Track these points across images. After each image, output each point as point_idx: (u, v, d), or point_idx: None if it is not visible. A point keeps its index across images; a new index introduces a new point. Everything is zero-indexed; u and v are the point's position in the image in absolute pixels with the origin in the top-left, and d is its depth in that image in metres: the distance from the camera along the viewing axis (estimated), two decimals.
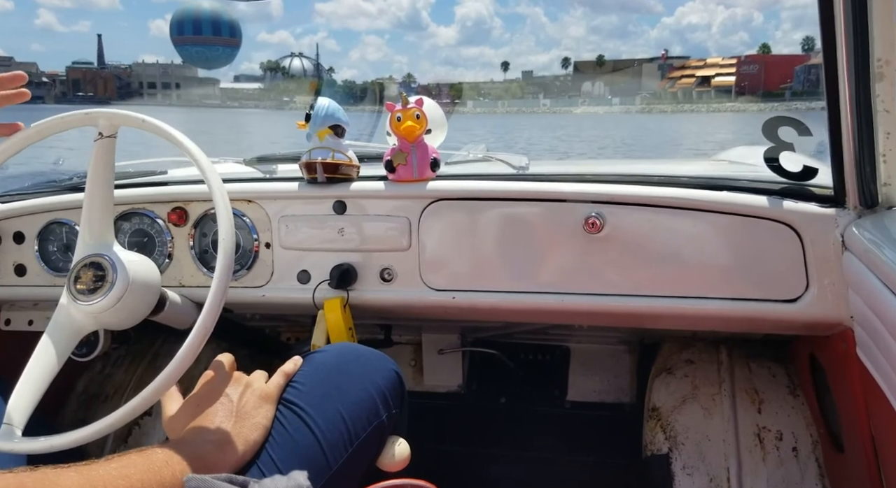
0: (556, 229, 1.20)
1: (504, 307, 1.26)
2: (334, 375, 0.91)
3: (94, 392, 1.69)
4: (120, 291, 0.97)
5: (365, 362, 0.95)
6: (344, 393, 0.88)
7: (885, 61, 0.91)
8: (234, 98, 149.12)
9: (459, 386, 1.85)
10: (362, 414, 0.87)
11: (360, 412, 0.87)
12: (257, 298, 1.32)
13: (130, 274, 0.99)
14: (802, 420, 1.34)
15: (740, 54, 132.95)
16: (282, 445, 0.81)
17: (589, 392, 1.80)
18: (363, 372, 0.92)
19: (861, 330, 1.01)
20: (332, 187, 1.28)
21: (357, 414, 0.86)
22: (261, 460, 0.79)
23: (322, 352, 0.97)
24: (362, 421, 0.86)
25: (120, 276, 0.98)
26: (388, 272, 1.28)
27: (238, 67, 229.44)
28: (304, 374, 0.91)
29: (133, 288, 0.99)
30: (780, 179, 1.16)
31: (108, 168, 1.03)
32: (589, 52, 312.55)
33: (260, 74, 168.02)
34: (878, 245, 0.94)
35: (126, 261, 1.00)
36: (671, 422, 1.39)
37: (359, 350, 0.99)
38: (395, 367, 0.96)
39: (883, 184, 1.02)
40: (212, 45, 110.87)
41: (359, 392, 0.89)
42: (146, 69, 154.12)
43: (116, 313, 0.99)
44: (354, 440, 0.84)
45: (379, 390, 0.91)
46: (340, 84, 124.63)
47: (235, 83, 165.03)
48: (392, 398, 0.92)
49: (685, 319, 1.26)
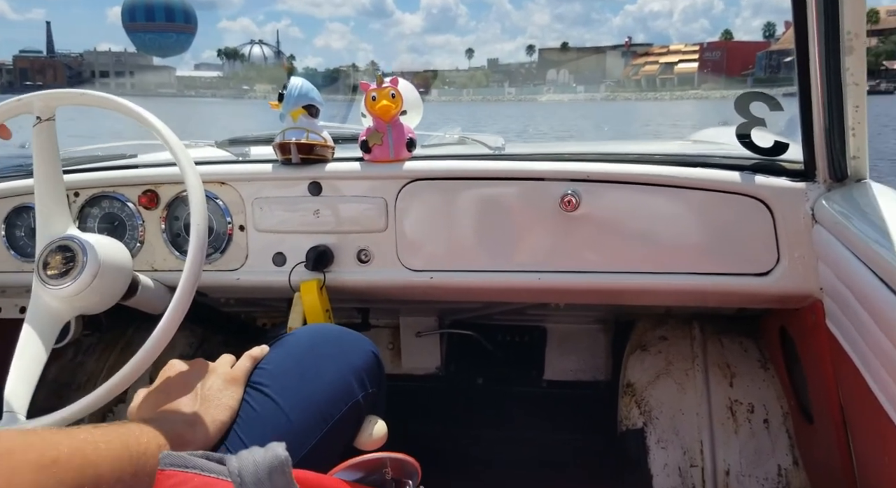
0: (532, 208, 1.20)
1: (482, 286, 1.26)
2: (308, 356, 0.90)
3: (65, 380, 1.65)
4: (91, 274, 0.95)
5: (340, 342, 0.94)
6: (317, 375, 0.87)
7: (855, 34, 0.92)
8: (191, 87, 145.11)
9: (438, 368, 1.85)
10: (337, 394, 0.86)
11: (335, 393, 0.86)
12: (232, 282, 1.30)
13: (101, 256, 0.97)
14: (773, 392, 1.38)
15: (702, 41, 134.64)
16: (251, 426, 0.80)
17: (565, 371, 1.82)
18: (338, 353, 0.92)
19: (830, 301, 1.04)
20: (307, 168, 1.26)
21: (331, 395, 0.86)
22: (229, 441, 0.78)
23: (296, 334, 0.96)
24: (337, 402, 0.86)
25: (90, 259, 0.96)
26: (364, 253, 1.27)
27: (199, 56, 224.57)
28: (277, 356, 0.90)
29: (104, 270, 0.97)
30: (752, 155, 1.18)
31: (53, 152, 1.01)
32: (554, 40, 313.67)
33: (225, 62, 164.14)
34: (847, 217, 0.96)
35: (95, 243, 0.98)
36: (646, 398, 1.41)
37: (334, 330, 0.98)
38: (371, 347, 0.96)
39: (852, 157, 1.04)
40: (165, 32, 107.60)
41: (333, 373, 0.88)
42: (98, 57, 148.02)
43: (88, 297, 0.97)
44: (329, 420, 0.84)
45: (355, 370, 0.90)
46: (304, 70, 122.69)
47: (193, 71, 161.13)
48: (368, 378, 0.91)
49: (660, 295, 1.28)
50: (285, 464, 0.58)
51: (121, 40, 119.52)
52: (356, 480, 0.69)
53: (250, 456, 0.59)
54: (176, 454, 0.61)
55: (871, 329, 0.83)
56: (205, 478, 0.58)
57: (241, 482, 0.57)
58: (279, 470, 0.58)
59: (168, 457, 0.60)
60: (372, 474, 0.69)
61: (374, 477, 0.70)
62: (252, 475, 0.57)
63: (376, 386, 0.93)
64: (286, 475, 0.58)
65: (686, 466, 1.31)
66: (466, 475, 1.33)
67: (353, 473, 0.69)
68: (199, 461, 0.60)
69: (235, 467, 0.58)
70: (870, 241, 0.85)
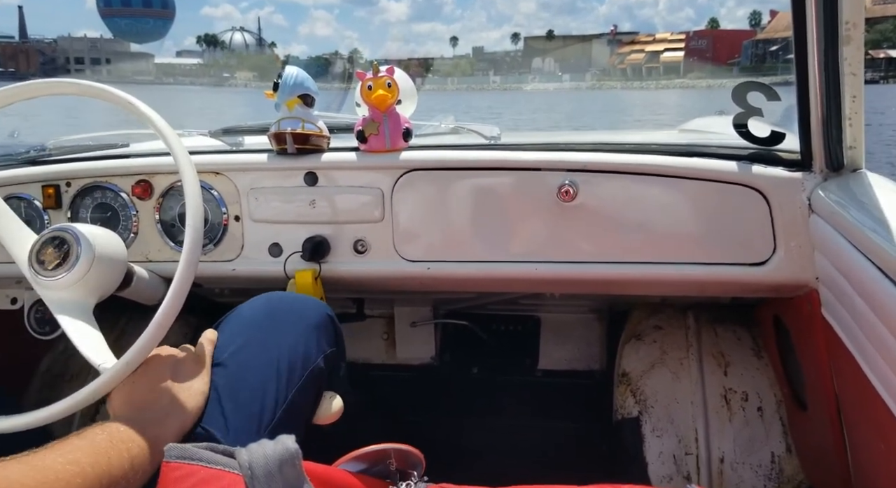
0: (530, 198, 1.20)
1: (479, 277, 1.26)
2: (265, 324, 0.91)
3: (58, 371, 1.64)
4: (85, 266, 0.94)
5: (296, 307, 0.96)
6: (275, 343, 0.88)
7: (853, 24, 0.92)
8: (169, 74, 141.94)
9: (432, 358, 1.85)
10: (296, 359, 0.88)
11: (294, 357, 0.88)
12: (227, 272, 1.30)
13: (95, 246, 0.96)
14: (766, 380, 1.39)
15: (688, 30, 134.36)
16: (221, 403, 0.82)
17: (560, 360, 1.83)
18: (293, 318, 0.93)
19: (826, 290, 1.04)
20: (303, 158, 1.25)
21: (292, 360, 0.87)
22: (204, 421, 0.80)
23: (252, 303, 0.97)
24: (297, 367, 0.87)
25: (84, 249, 0.94)
26: (361, 244, 1.26)
27: (182, 43, 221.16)
28: (237, 328, 0.92)
29: (99, 262, 0.96)
30: (749, 145, 1.18)
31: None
32: (539, 28, 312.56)
33: (206, 49, 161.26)
34: (843, 206, 0.97)
35: (89, 233, 0.97)
36: (641, 387, 1.42)
37: (287, 296, 1.00)
38: (326, 309, 0.97)
39: (848, 146, 1.05)
40: (142, 18, 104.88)
41: (290, 337, 0.90)
42: (73, 43, 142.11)
43: (82, 288, 0.95)
44: (291, 387, 0.85)
45: (312, 331, 0.92)
46: (284, 57, 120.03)
47: (173, 58, 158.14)
48: (326, 338, 0.93)
49: (657, 285, 1.28)
50: (296, 457, 0.58)
51: (100, 26, 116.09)
52: (361, 471, 0.69)
53: (260, 448, 0.59)
54: (181, 446, 0.60)
55: (867, 317, 0.83)
56: (211, 470, 0.58)
57: (252, 475, 0.56)
58: (290, 462, 0.58)
59: (173, 450, 0.60)
60: (376, 465, 0.70)
61: (379, 468, 0.70)
62: (263, 468, 0.57)
63: (335, 347, 0.95)
64: (297, 467, 0.58)
65: (681, 454, 1.32)
66: (461, 465, 1.34)
67: (357, 464, 0.69)
68: (205, 453, 0.59)
69: (246, 460, 0.58)
70: (866, 231, 0.86)
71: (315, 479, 0.59)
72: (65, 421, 0.88)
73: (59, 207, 1.33)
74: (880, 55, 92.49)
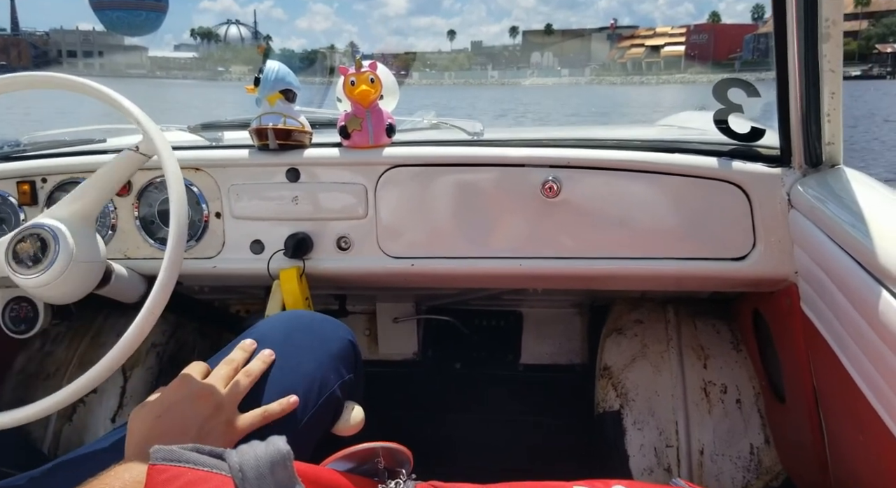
0: (513, 194, 1.20)
1: (463, 273, 1.26)
2: (284, 347, 0.88)
3: (33, 370, 1.62)
4: (63, 263, 0.93)
5: (316, 330, 0.93)
6: (295, 366, 0.86)
7: (832, 22, 0.93)
8: (163, 68, 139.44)
9: (415, 353, 1.86)
10: (314, 385, 0.85)
11: (312, 383, 0.85)
12: (208, 270, 1.29)
13: (72, 244, 0.95)
14: (745, 373, 1.40)
15: (689, 24, 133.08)
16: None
17: (542, 354, 1.84)
18: (314, 342, 0.90)
19: (805, 284, 1.05)
20: (285, 154, 1.24)
21: (309, 386, 0.84)
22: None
23: (271, 322, 0.94)
24: (314, 393, 0.85)
25: (62, 247, 0.93)
26: (344, 240, 1.26)
27: (180, 37, 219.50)
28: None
29: (77, 260, 0.95)
30: (729, 141, 1.18)
31: None
32: (539, 22, 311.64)
33: (200, 43, 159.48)
34: (822, 201, 0.98)
35: (67, 230, 0.95)
36: (622, 380, 1.43)
37: (307, 317, 0.97)
38: (347, 334, 0.94)
39: (827, 143, 1.05)
40: (135, 10, 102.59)
41: (310, 363, 0.87)
42: (65, 36, 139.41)
43: (59, 287, 0.95)
44: (307, 410, 0.83)
45: (331, 358, 0.89)
46: (279, 52, 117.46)
47: (168, 52, 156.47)
48: (345, 365, 0.91)
49: (639, 280, 1.29)
50: (287, 458, 0.57)
51: (93, 20, 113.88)
52: (349, 470, 0.68)
53: (251, 450, 0.57)
54: (167, 448, 0.59)
55: (846, 310, 0.84)
56: (198, 472, 0.56)
57: (243, 477, 0.55)
58: (281, 463, 0.56)
59: (159, 452, 0.58)
60: (364, 463, 0.69)
61: (367, 467, 0.69)
62: (254, 470, 0.55)
63: (353, 373, 0.92)
64: (288, 468, 0.56)
65: (662, 446, 1.33)
66: (447, 460, 1.34)
67: (345, 463, 0.68)
68: (192, 455, 0.58)
69: (236, 461, 0.56)
70: (845, 225, 0.86)
71: (305, 480, 0.58)
72: (41, 422, 0.87)
73: (34, 204, 1.32)
74: (887, 50, 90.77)
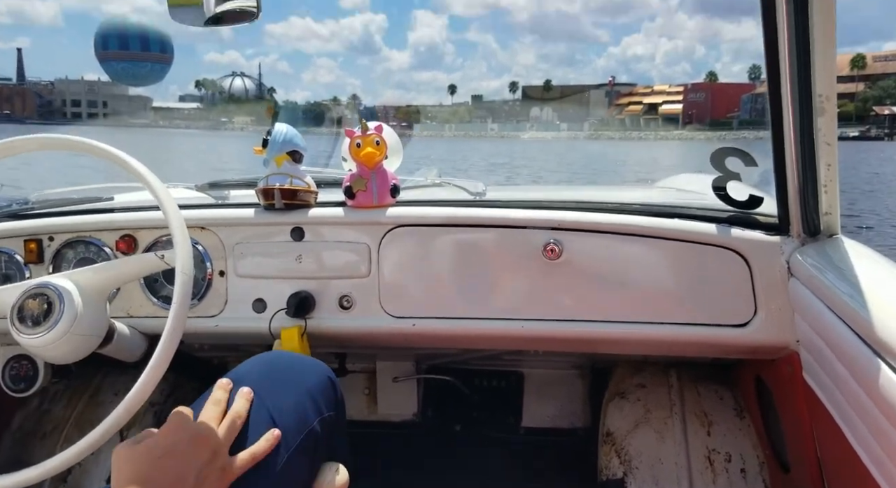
0: (516, 255, 1.21)
1: (465, 334, 1.26)
2: (262, 386, 0.87)
3: (30, 429, 1.59)
4: (68, 323, 0.93)
5: (294, 367, 0.92)
6: (270, 405, 0.84)
7: (826, 97, 0.95)
8: (167, 118, 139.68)
9: (414, 414, 1.83)
10: (292, 423, 0.84)
11: (289, 420, 0.84)
12: (209, 329, 1.29)
13: (77, 304, 0.95)
14: (749, 441, 1.38)
15: (686, 82, 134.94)
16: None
17: (543, 417, 1.81)
18: (290, 379, 0.89)
19: (807, 353, 1.05)
20: (290, 213, 1.26)
21: (287, 424, 0.83)
22: None
23: (250, 364, 0.92)
24: (292, 431, 0.83)
25: (67, 307, 0.93)
26: (346, 299, 1.26)
27: (185, 87, 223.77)
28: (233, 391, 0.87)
29: (81, 319, 0.95)
30: (728, 207, 1.20)
31: None
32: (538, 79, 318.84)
33: (205, 94, 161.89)
34: (821, 271, 0.98)
35: (73, 290, 0.96)
36: (625, 447, 1.40)
37: (288, 357, 0.96)
38: (327, 372, 0.93)
39: (824, 213, 1.07)
40: (140, 61, 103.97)
41: (287, 399, 0.86)
42: (70, 86, 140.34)
43: (60, 348, 0.94)
44: (287, 451, 0.81)
45: (309, 395, 0.88)
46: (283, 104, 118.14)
47: (172, 102, 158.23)
48: (324, 402, 0.89)
49: (640, 344, 1.29)
50: None
51: (99, 70, 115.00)
52: None
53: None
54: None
55: (848, 382, 0.84)
56: None
57: None
58: None
59: None
60: None
61: None
62: None
63: (333, 410, 0.91)
64: None
65: None
66: None
67: None
68: None
69: None
70: (844, 296, 0.87)
71: None
72: (35, 484, 0.86)
73: (40, 262, 1.32)
74: (884, 112, 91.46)
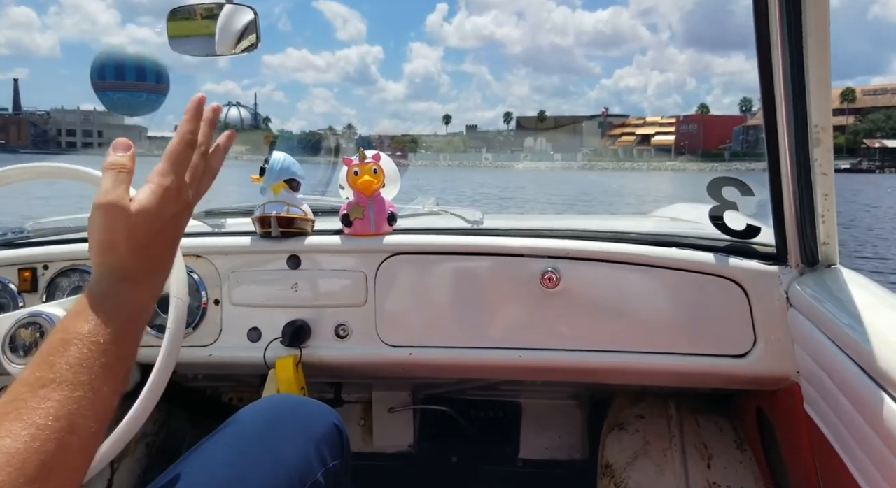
0: (513, 284, 1.21)
1: (462, 363, 1.24)
2: (265, 433, 0.85)
3: None
4: None
5: (300, 415, 0.90)
6: (276, 455, 0.82)
7: (822, 128, 0.96)
8: (161, 147, 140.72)
9: (410, 445, 1.80)
10: (294, 474, 0.81)
11: (293, 472, 0.81)
12: (203, 358, 1.27)
13: None
14: (751, 474, 1.36)
15: (679, 114, 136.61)
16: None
17: (541, 449, 1.78)
18: (297, 427, 0.87)
19: (808, 384, 1.04)
20: (287, 241, 1.25)
21: (290, 477, 0.81)
22: None
23: (254, 408, 0.91)
24: (295, 484, 0.80)
25: None
26: (343, 328, 1.25)
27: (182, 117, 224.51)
28: (235, 435, 0.85)
29: None
30: (725, 237, 1.20)
31: None
32: (532, 109, 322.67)
33: None
34: (821, 301, 0.98)
35: None
36: (624, 479, 1.38)
37: (292, 401, 0.94)
38: (333, 418, 0.91)
39: (822, 243, 1.07)
40: (136, 92, 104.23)
41: (292, 450, 0.83)
42: (66, 116, 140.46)
43: None
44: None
45: (315, 445, 0.85)
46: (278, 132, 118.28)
47: (168, 132, 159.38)
48: (330, 451, 0.87)
49: (639, 374, 1.27)
50: None
51: (95, 100, 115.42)
52: None
53: None
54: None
55: (850, 414, 0.83)
56: None
57: None
58: None
59: None
60: None
61: None
62: None
63: (339, 458, 0.88)
64: None
65: None
66: None
67: None
68: None
69: None
70: (844, 327, 0.86)
71: None
72: None
73: (34, 291, 1.31)
74: (875, 145, 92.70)
